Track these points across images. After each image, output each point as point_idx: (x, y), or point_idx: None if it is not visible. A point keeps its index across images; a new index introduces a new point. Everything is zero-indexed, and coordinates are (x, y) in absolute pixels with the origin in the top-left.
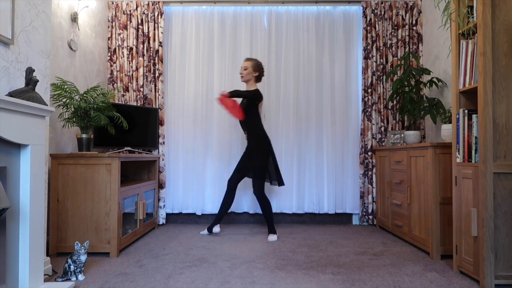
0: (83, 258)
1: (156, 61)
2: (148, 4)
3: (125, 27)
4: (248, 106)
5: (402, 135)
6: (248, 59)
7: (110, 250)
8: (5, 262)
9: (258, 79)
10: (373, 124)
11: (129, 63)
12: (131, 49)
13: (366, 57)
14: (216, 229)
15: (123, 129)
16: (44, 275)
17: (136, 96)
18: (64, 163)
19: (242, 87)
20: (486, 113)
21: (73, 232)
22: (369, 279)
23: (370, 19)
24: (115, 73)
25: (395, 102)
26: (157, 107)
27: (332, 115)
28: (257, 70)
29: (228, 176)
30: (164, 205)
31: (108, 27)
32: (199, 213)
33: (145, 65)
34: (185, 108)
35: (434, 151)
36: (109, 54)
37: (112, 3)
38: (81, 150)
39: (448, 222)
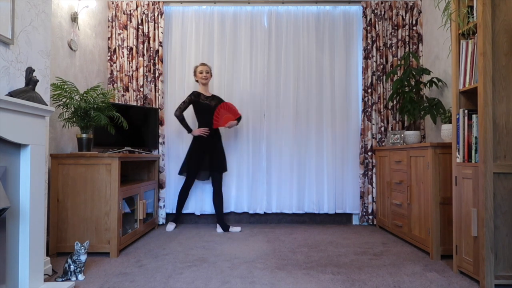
0: (83, 258)
1: (156, 61)
2: (148, 4)
3: (125, 27)
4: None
5: (402, 135)
6: (206, 64)
7: (110, 250)
8: (5, 262)
9: None
10: (373, 124)
11: (129, 63)
12: (131, 49)
13: (366, 57)
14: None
15: (123, 129)
16: (44, 275)
17: (136, 96)
18: (64, 163)
19: (242, 87)
20: (486, 113)
21: (73, 232)
22: (369, 279)
23: (370, 19)
24: (115, 73)
25: (395, 102)
26: (157, 107)
27: (332, 115)
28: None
29: (227, 176)
30: (164, 205)
31: (108, 27)
32: (200, 213)
33: (145, 65)
34: None
35: (434, 151)
36: (109, 54)
37: (112, 3)
38: (81, 150)
39: (448, 222)
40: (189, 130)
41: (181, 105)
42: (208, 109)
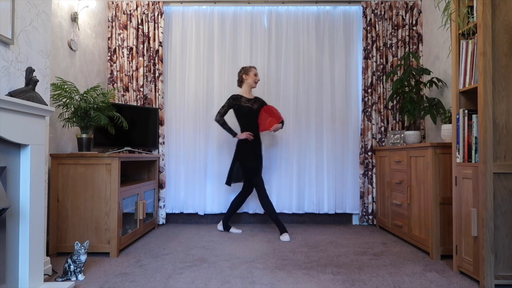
0: (83, 258)
1: (156, 61)
2: (148, 4)
3: (125, 27)
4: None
5: (402, 135)
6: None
7: (110, 250)
8: (5, 262)
9: None
10: (373, 124)
11: (129, 63)
12: (131, 49)
13: (366, 57)
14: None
15: (123, 129)
16: (44, 275)
17: (136, 96)
18: (64, 163)
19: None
20: (486, 113)
21: (73, 232)
22: (369, 279)
23: (370, 19)
24: (115, 73)
25: (395, 102)
26: (157, 107)
27: (332, 115)
28: None
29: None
30: (164, 205)
31: (108, 27)
32: (201, 213)
33: (145, 65)
34: (185, 108)
35: (434, 151)
36: (109, 54)
37: (112, 3)
38: (81, 150)
39: (448, 222)
40: (234, 134)
41: (220, 110)
42: (250, 112)
